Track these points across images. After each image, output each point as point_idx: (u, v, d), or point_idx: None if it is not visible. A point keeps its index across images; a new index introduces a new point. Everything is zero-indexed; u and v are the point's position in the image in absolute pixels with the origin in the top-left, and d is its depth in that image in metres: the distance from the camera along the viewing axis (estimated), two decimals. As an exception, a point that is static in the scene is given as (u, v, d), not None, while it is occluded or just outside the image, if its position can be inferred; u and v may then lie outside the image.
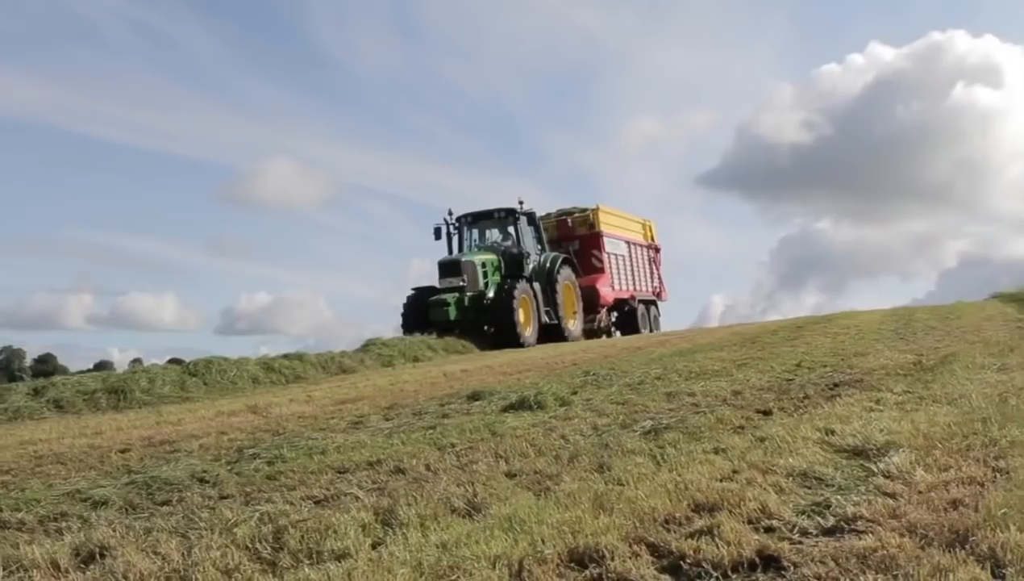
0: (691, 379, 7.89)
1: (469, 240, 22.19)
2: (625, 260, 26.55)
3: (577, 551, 2.73)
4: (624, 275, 26.20)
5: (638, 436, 4.93)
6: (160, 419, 8.20)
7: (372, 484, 4.12)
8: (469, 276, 19.62)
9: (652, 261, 29.18)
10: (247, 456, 5.15)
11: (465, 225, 22.07)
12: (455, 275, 19.62)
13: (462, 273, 19.58)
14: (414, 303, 19.99)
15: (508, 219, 21.82)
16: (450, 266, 20.02)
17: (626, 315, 26.17)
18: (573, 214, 25.61)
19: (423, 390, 9.14)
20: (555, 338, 20.35)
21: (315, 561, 2.82)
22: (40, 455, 6.06)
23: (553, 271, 21.05)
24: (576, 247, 24.36)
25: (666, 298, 29.79)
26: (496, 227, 22.45)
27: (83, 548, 3.14)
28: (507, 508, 3.29)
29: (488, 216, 22.13)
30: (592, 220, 24.92)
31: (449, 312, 18.84)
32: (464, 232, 22.04)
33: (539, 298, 20.19)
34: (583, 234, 24.84)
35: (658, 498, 3.34)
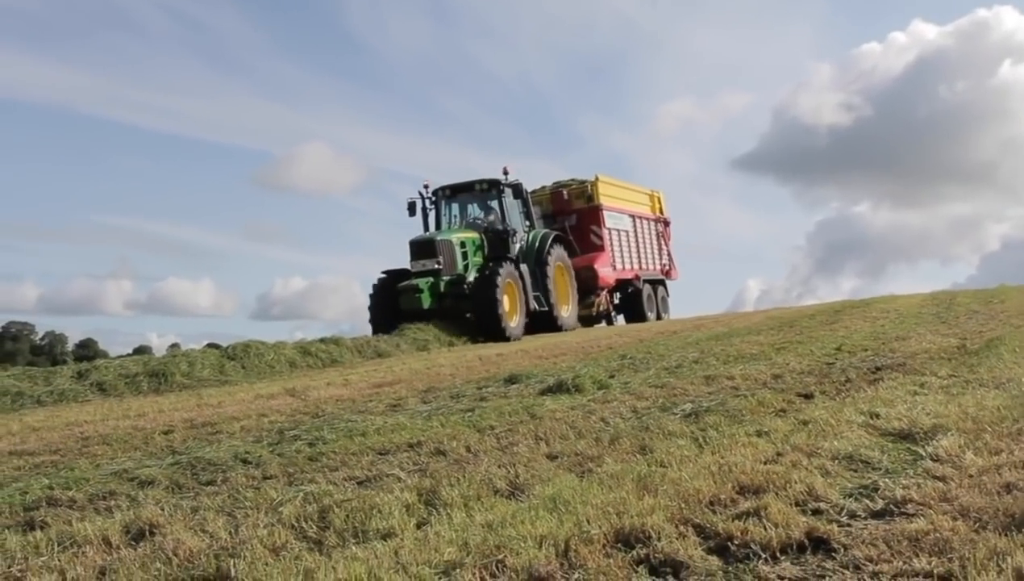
0: (729, 363, 7.83)
1: (448, 216, 19.74)
2: (629, 236, 24.08)
3: (623, 531, 2.71)
4: (628, 252, 23.79)
5: (678, 419, 4.90)
6: (200, 402, 8.31)
7: (413, 465, 4.13)
8: (446, 257, 17.17)
9: (660, 236, 26.60)
10: (288, 438, 5.20)
11: (443, 199, 19.56)
12: (429, 256, 17.10)
13: (437, 254, 17.06)
14: (383, 290, 17.56)
15: (491, 192, 19.17)
16: (423, 246, 17.41)
17: (629, 298, 23.95)
18: (570, 186, 23.10)
19: (459, 373, 9.16)
20: (546, 327, 18.46)
21: (361, 540, 2.83)
22: (86, 436, 6.16)
23: (543, 251, 18.71)
24: (573, 222, 22.19)
25: (676, 277, 27.31)
26: (478, 201, 19.86)
27: (133, 525, 3.19)
28: (550, 489, 3.28)
29: (468, 189, 19.44)
30: (591, 192, 22.50)
31: (422, 299, 16.52)
32: (442, 207, 19.56)
33: (527, 282, 17.85)
34: (581, 208, 22.49)
35: (702, 480, 3.32)
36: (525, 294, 17.61)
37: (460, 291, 16.96)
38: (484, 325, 16.65)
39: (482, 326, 16.69)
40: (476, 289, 16.64)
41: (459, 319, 17.21)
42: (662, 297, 25.75)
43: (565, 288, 19.55)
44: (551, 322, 18.52)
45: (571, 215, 22.39)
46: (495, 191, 19.02)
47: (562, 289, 19.38)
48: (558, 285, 19.07)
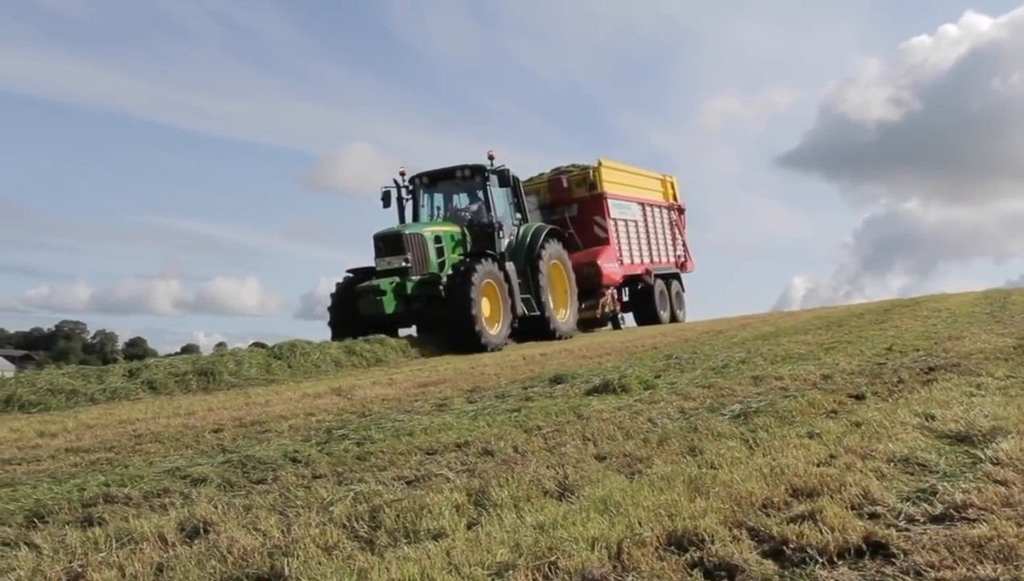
0: (777, 363, 7.73)
1: (430, 207, 17.43)
2: (638, 226, 21.81)
3: (675, 534, 2.69)
4: (636, 245, 21.55)
5: (727, 420, 4.85)
6: (248, 400, 8.41)
7: (461, 465, 4.14)
8: (416, 254, 14.90)
9: (674, 225, 24.18)
10: (336, 437, 5.23)
11: (421, 188, 17.18)
12: (396, 253, 14.79)
13: (405, 250, 14.78)
14: (345, 291, 15.24)
15: (475, 180, 16.71)
16: (389, 241, 15.03)
17: (639, 295, 21.64)
18: (570, 172, 20.87)
19: (503, 373, 9.17)
20: (538, 334, 16.29)
21: (412, 540, 2.84)
22: (139, 434, 6.27)
23: (535, 246, 16.44)
24: (574, 213, 20.09)
25: (692, 268, 24.90)
26: (464, 191, 17.41)
27: (187, 523, 3.23)
28: (600, 490, 3.26)
29: (449, 176, 16.89)
30: (593, 179, 20.28)
31: (384, 303, 14.24)
32: (420, 197, 17.21)
33: (513, 283, 15.47)
34: (582, 197, 20.29)
35: (754, 482, 3.28)
36: (511, 296, 15.34)
37: (434, 293, 14.61)
38: (457, 333, 14.29)
39: (455, 334, 14.34)
40: (448, 291, 14.35)
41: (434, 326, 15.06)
42: (676, 292, 23.47)
43: (562, 289, 17.44)
44: (544, 328, 16.35)
45: (572, 205, 20.32)
46: (479, 178, 16.53)
47: (558, 290, 17.29)
48: (553, 286, 17.01)
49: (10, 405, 9.04)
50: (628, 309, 21.95)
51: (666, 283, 22.64)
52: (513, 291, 15.45)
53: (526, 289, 16.08)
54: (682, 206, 24.77)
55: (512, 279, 15.51)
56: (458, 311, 14.02)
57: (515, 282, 15.62)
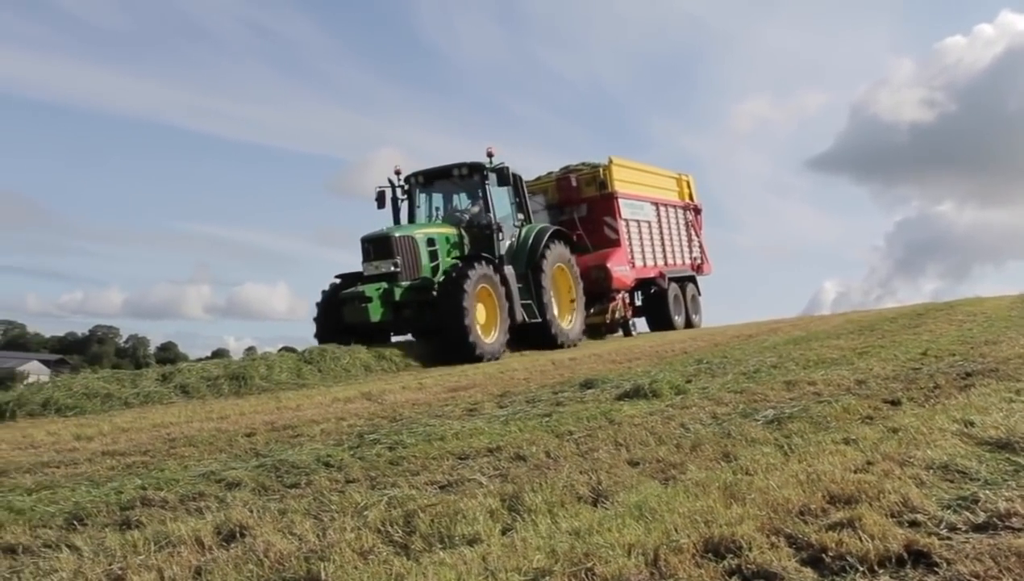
0: (809, 367, 7.66)
1: (428, 208, 16.58)
2: (651, 227, 20.93)
3: (712, 541, 2.67)
4: (649, 246, 20.68)
5: (761, 425, 4.81)
6: (279, 405, 8.47)
7: (493, 470, 4.14)
8: (406, 258, 14.04)
9: (690, 225, 23.16)
10: (368, 441, 5.25)
11: (417, 188, 16.31)
12: (384, 257, 13.94)
13: (394, 254, 13.90)
14: (331, 298, 14.46)
15: (473, 178, 15.74)
16: (377, 244, 14.16)
17: (653, 299, 20.89)
18: (579, 171, 19.96)
19: (533, 378, 9.16)
20: (540, 343, 15.44)
21: (447, 545, 2.84)
22: (173, 438, 6.34)
23: (537, 248, 15.51)
24: (583, 213, 19.29)
25: (709, 271, 23.86)
26: (462, 190, 16.48)
27: (223, 527, 3.26)
28: (635, 496, 3.25)
29: (446, 174, 15.98)
30: (603, 177, 19.42)
31: (370, 310, 13.37)
32: (416, 197, 16.35)
33: (512, 288, 14.58)
34: (592, 196, 19.44)
35: (791, 489, 3.24)
36: (509, 302, 14.42)
37: (426, 299, 13.72)
38: (449, 341, 13.39)
39: (447, 342, 13.44)
40: (439, 296, 13.51)
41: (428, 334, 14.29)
42: (692, 296, 22.54)
43: (567, 294, 16.54)
44: (546, 336, 15.42)
45: (581, 205, 19.47)
46: (477, 177, 15.60)
47: (563, 295, 16.42)
48: (558, 291, 16.17)
49: (47, 408, 9.18)
50: (641, 314, 21.19)
51: (681, 287, 21.82)
52: (512, 297, 14.57)
53: (527, 294, 15.20)
54: (699, 206, 23.83)
55: (511, 284, 14.63)
56: (449, 318, 13.14)
57: (514, 287, 14.73)
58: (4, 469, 5.28)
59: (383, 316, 13.60)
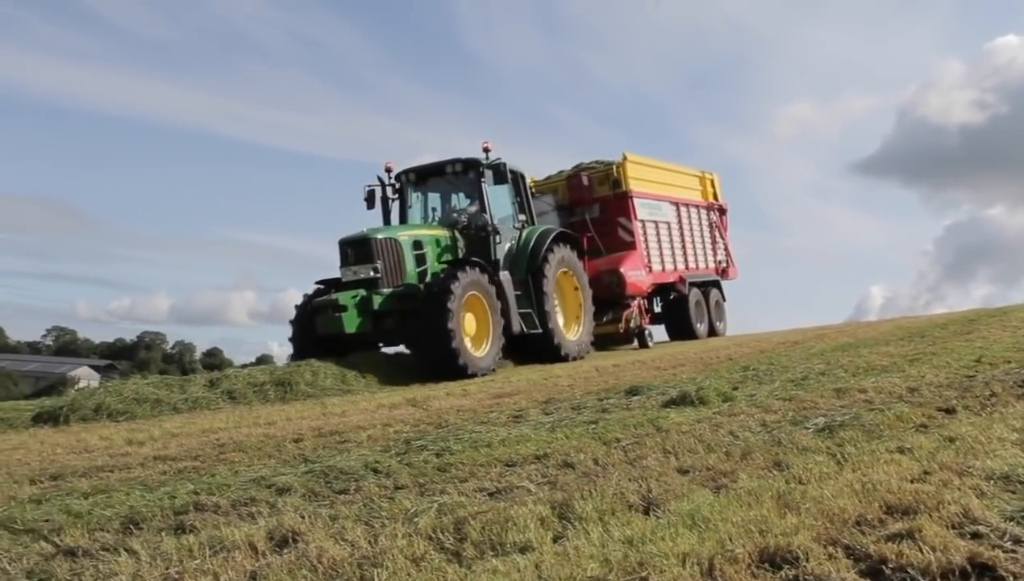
0: (859, 375, 7.54)
1: (423, 208, 15.26)
2: (671, 228, 19.56)
3: (768, 551, 2.63)
4: (668, 249, 19.32)
5: (811, 433, 4.74)
6: (325, 410, 8.54)
7: (542, 478, 4.12)
8: (388, 262, 12.72)
9: (714, 226, 21.69)
10: (415, 448, 5.27)
11: (409, 186, 14.94)
12: (363, 261, 12.62)
13: (374, 258, 12.57)
14: (307, 308, 13.09)
15: (468, 176, 14.29)
16: (356, 247, 12.82)
17: (672, 306, 19.47)
18: (592, 169, 18.62)
19: (577, 384, 9.13)
20: (542, 355, 14.02)
21: (499, 553, 2.84)
22: (222, 443, 6.42)
23: (539, 252, 14.15)
24: (596, 214, 17.96)
25: (735, 275, 22.34)
26: (457, 189, 15.07)
27: (276, 532, 3.28)
28: (687, 505, 3.21)
29: (439, 171, 14.61)
30: (617, 176, 18.04)
31: (344, 321, 12.09)
32: (408, 197, 14.98)
33: (507, 295, 13.28)
34: (605, 196, 18.12)
35: (846, 498, 3.19)
36: (505, 311, 13.11)
37: (411, 308, 12.30)
38: (432, 355, 12.05)
39: (429, 356, 12.14)
40: (423, 305, 12.10)
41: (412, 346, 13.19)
42: (716, 302, 21.01)
43: (573, 302, 15.19)
44: (549, 348, 14.02)
45: (593, 205, 18.14)
46: (473, 174, 14.14)
47: (569, 303, 15.11)
48: (563, 298, 14.94)
49: (99, 413, 9.35)
50: (659, 321, 19.81)
51: (703, 292, 20.38)
52: (507, 305, 13.25)
53: (527, 303, 13.88)
54: (724, 206, 22.37)
55: (507, 291, 13.31)
56: (432, 329, 11.78)
57: (510, 294, 13.44)
58: (60, 473, 5.39)
59: (360, 327, 12.27)
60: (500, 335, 12.91)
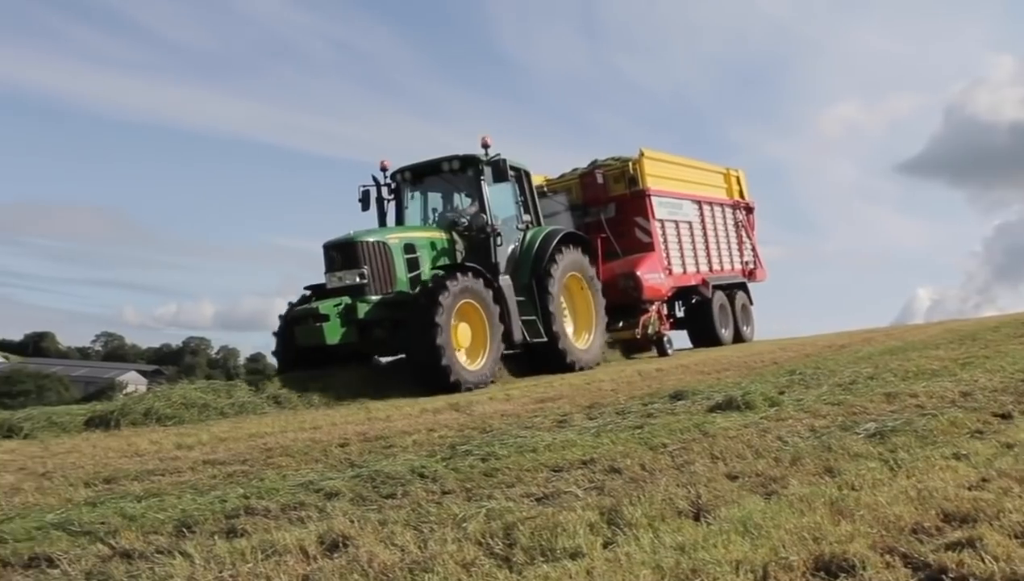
0: (909, 379, 7.41)
1: (422, 209, 14.30)
2: (693, 228, 18.44)
3: (822, 559, 2.59)
4: (690, 250, 18.21)
5: (862, 439, 4.67)
6: (369, 415, 8.59)
7: (589, 483, 4.11)
8: (375, 268, 11.74)
9: (740, 226, 20.45)
10: (460, 453, 5.27)
11: (405, 185, 13.95)
12: (349, 266, 11.68)
13: (360, 263, 11.64)
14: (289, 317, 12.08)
15: (466, 174, 13.26)
16: (341, 251, 11.86)
17: (695, 311, 18.45)
18: (607, 166, 17.52)
19: (621, 389, 9.09)
20: (550, 365, 13.08)
21: (549, 559, 2.83)
22: (269, 447, 6.48)
23: (544, 255, 13.18)
24: (612, 214, 16.95)
25: (763, 277, 21.14)
26: (456, 188, 13.99)
27: (326, 536, 3.31)
28: (738, 511, 3.18)
29: (435, 169, 13.55)
30: (634, 173, 16.94)
31: (325, 331, 11.06)
32: (405, 197, 14.00)
33: (508, 302, 12.33)
34: (621, 195, 17.02)
35: (901, 505, 3.14)
36: (503, 320, 12.13)
37: (403, 316, 11.32)
38: (420, 368, 11.15)
39: (417, 368, 11.26)
40: (410, 317, 11.13)
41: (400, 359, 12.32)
42: (742, 306, 19.90)
43: (585, 308, 14.24)
44: (556, 357, 13.10)
45: (608, 205, 17.08)
46: (472, 172, 13.13)
47: (580, 310, 14.20)
48: (573, 303, 14.10)
49: (148, 418, 9.49)
50: (681, 327, 18.81)
51: (728, 295, 19.27)
52: (508, 313, 12.29)
53: (531, 310, 12.94)
54: (751, 204, 21.08)
55: (507, 297, 12.36)
56: (419, 341, 10.87)
57: (511, 301, 12.48)
58: (113, 476, 5.48)
59: (344, 337, 11.28)
60: (499, 345, 12.03)
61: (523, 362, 13.26)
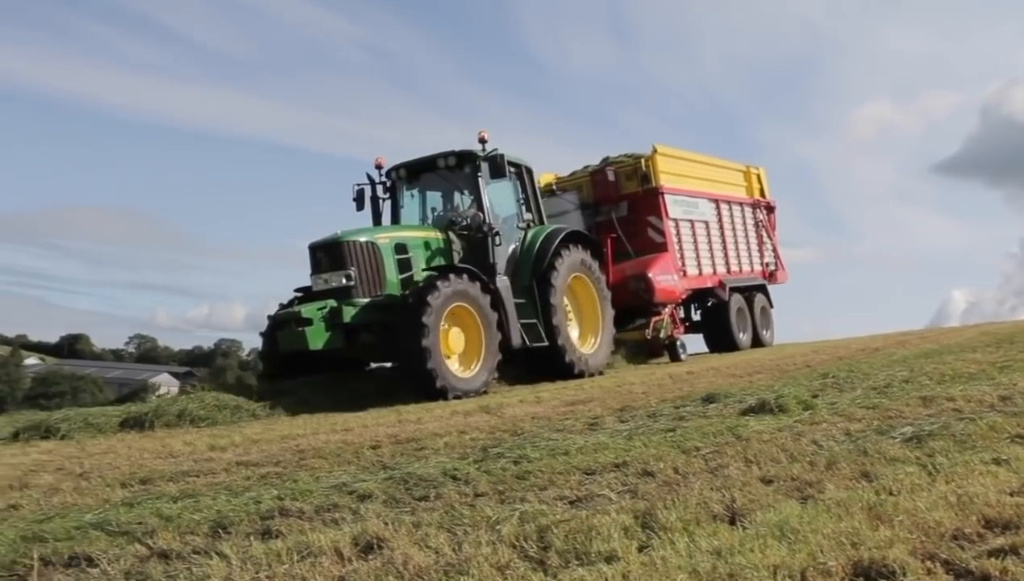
0: (945, 383, 7.30)
1: (420, 208, 13.66)
2: (709, 228, 17.80)
3: (862, 564, 2.56)
4: (707, 251, 17.58)
5: (899, 443, 4.60)
6: (400, 417, 8.62)
7: (622, 486, 4.09)
8: (363, 269, 11.19)
9: (761, 226, 19.72)
10: (492, 455, 5.27)
11: (401, 183, 13.42)
12: (336, 268, 11.11)
13: (346, 264, 11.07)
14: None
15: (463, 171, 12.66)
16: (327, 252, 11.30)
17: (711, 314, 17.87)
18: (619, 163, 16.94)
19: (651, 392, 9.05)
20: (552, 371, 12.54)
21: (584, 562, 2.82)
22: (301, 449, 6.52)
23: (545, 255, 12.57)
24: (623, 213, 16.39)
25: (785, 279, 20.52)
26: (454, 185, 13.29)
27: (360, 538, 3.32)
28: (774, 516, 3.15)
29: (430, 166, 12.92)
30: (646, 170, 16.35)
31: (308, 336, 10.42)
32: (401, 195, 13.48)
33: (505, 305, 11.77)
34: (633, 193, 16.46)
35: (941, 511, 3.09)
36: (502, 323, 11.56)
37: (392, 320, 10.73)
38: (405, 372, 10.72)
39: (404, 374, 10.81)
40: (399, 315, 10.60)
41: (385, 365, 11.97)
42: (762, 308, 19.17)
43: (591, 311, 13.62)
44: (558, 362, 12.49)
45: (620, 203, 16.50)
46: (469, 169, 12.52)
47: (586, 313, 13.61)
48: (579, 307, 13.55)
49: (182, 419, 9.59)
50: (697, 329, 18.24)
51: (746, 298, 18.56)
52: (505, 316, 11.70)
53: (531, 313, 12.35)
54: (772, 203, 20.35)
55: (504, 300, 11.79)
56: (406, 346, 10.36)
57: (509, 304, 11.91)
58: (149, 477, 5.55)
59: (329, 342, 10.65)
60: (494, 351, 11.38)
61: (523, 367, 12.73)
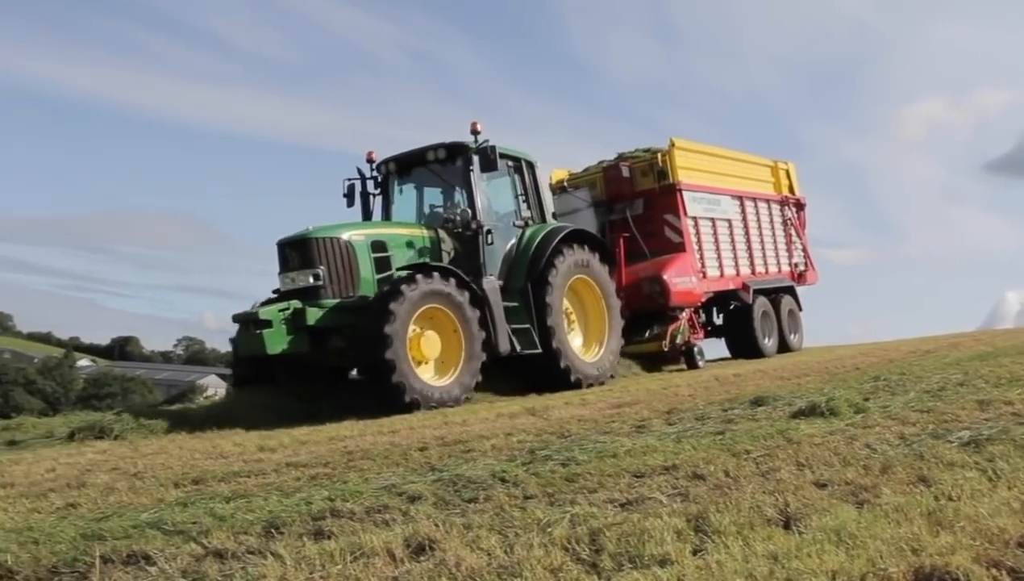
0: (1002, 386, 7.13)
1: (418, 203, 12.97)
2: (733, 226, 16.71)
3: (923, 571, 2.51)
4: (729, 251, 16.50)
5: (956, 447, 4.51)
6: (446, 420, 8.64)
7: (672, 489, 4.06)
8: (333, 268, 10.37)
9: (789, 224, 18.61)
10: (540, 457, 5.27)
11: (391, 177, 12.60)
12: (304, 266, 10.34)
13: (315, 263, 10.29)
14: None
15: (455, 164, 11.89)
16: (295, 249, 10.53)
17: (734, 318, 16.82)
18: (634, 158, 16.02)
19: (698, 394, 8.97)
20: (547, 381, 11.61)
21: (637, 565, 2.80)
22: (349, 451, 6.57)
23: (542, 255, 11.63)
24: (639, 211, 15.41)
25: (815, 280, 19.33)
26: (446, 180, 12.52)
27: (412, 539, 3.33)
28: (830, 520, 3.10)
29: (419, 160, 12.16)
30: (663, 165, 15.29)
31: (267, 339, 9.68)
32: (392, 190, 12.68)
33: (492, 308, 10.87)
34: (649, 190, 15.47)
35: (1004, 517, 3.02)
36: (489, 328, 10.69)
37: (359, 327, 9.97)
38: (375, 383, 9.88)
39: (370, 382, 10.16)
40: (361, 322, 9.84)
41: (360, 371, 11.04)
42: (789, 311, 17.96)
43: (597, 317, 12.70)
44: (554, 371, 11.58)
45: (635, 200, 15.54)
46: (461, 162, 11.74)
47: (591, 318, 12.71)
48: (584, 311, 12.68)
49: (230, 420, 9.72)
50: (719, 334, 17.27)
51: (773, 301, 17.42)
52: (492, 320, 10.81)
53: (525, 317, 11.43)
54: (801, 200, 19.21)
55: (491, 303, 10.90)
56: (367, 352, 9.69)
57: (496, 306, 11.00)
58: (201, 477, 5.63)
59: (291, 346, 9.91)
60: (476, 357, 10.51)
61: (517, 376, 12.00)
